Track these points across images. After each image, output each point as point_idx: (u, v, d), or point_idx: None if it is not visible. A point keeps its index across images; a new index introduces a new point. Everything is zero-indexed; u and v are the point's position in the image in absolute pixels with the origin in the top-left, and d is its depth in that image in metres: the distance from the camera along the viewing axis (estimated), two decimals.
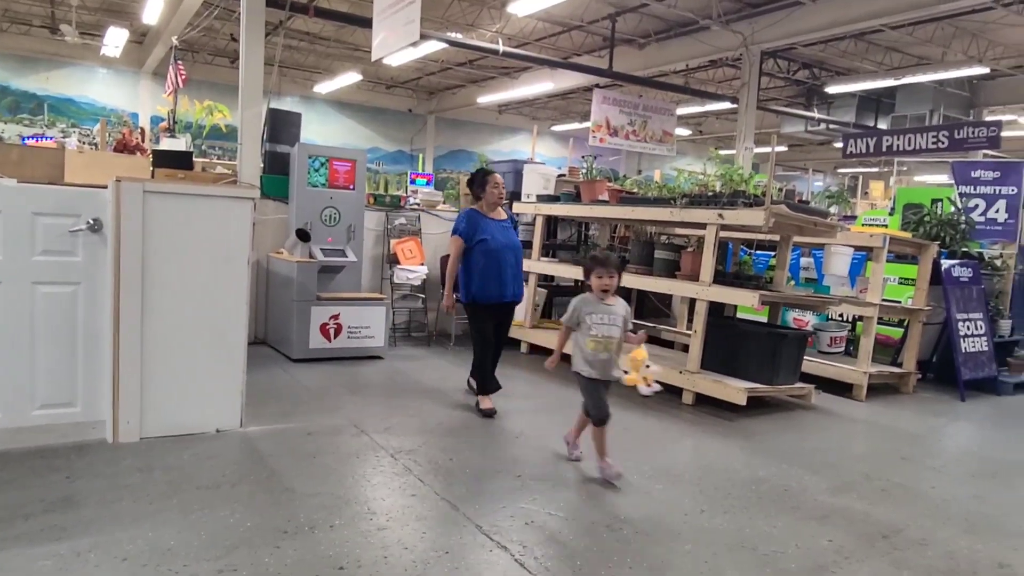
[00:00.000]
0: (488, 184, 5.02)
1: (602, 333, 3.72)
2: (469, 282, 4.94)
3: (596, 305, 3.74)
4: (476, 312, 5.03)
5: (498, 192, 5.04)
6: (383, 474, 3.67)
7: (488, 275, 4.88)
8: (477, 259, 4.89)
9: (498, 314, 5.10)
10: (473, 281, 4.91)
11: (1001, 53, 12.02)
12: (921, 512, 3.64)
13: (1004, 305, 7.40)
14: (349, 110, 19.45)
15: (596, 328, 3.72)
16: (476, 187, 5.09)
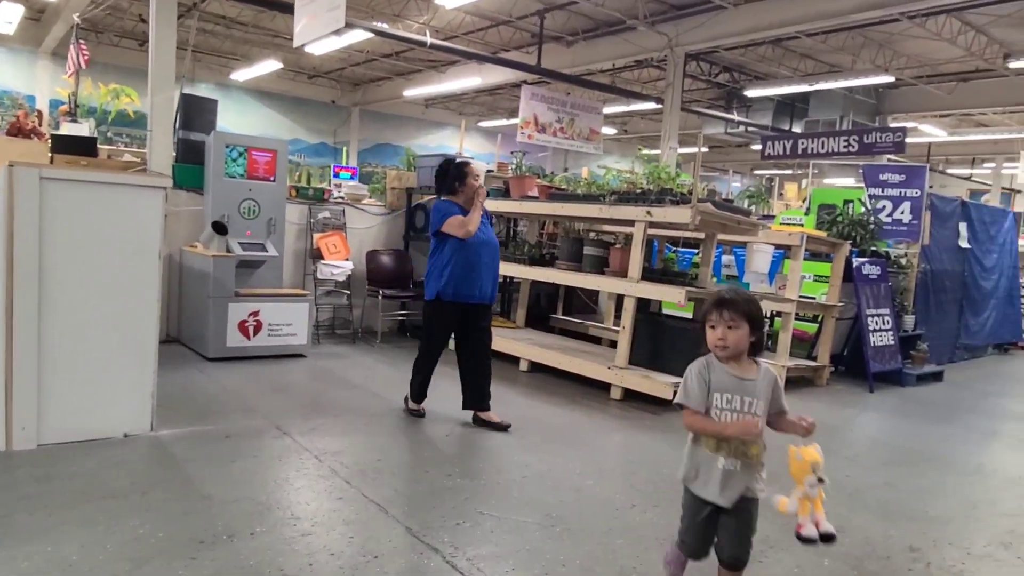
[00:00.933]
0: (468, 176, 4.51)
1: (732, 416, 2.33)
2: (438, 277, 4.43)
3: (722, 375, 2.32)
4: (440, 312, 4.50)
5: (478, 185, 4.54)
6: (307, 477, 3.52)
7: (462, 271, 4.39)
8: (451, 253, 4.39)
9: (465, 317, 4.55)
10: (443, 276, 4.40)
11: (905, 63, 12.71)
12: (838, 501, 3.77)
13: (908, 301, 7.83)
14: (269, 99, 18.79)
15: (722, 415, 2.34)
16: (450, 179, 4.54)
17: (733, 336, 2.30)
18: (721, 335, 2.30)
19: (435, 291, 4.46)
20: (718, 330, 2.31)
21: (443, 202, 4.54)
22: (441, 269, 4.43)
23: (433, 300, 4.50)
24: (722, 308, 2.31)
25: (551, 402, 5.39)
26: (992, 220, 9.46)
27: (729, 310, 2.31)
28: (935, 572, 3.02)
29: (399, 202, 7.95)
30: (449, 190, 4.58)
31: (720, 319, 2.31)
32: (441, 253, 4.46)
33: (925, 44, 11.58)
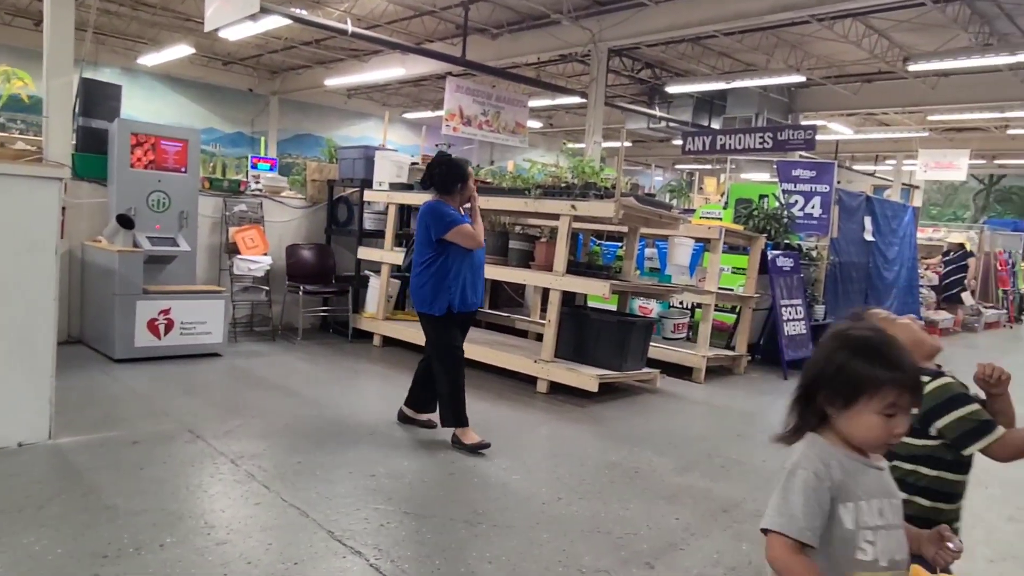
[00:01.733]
0: (469, 178, 4.17)
1: (886, 550, 1.42)
2: (445, 289, 4.04)
3: (856, 470, 1.44)
4: (447, 323, 4.13)
5: (475, 188, 4.27)
6: (223, 483, 3.36)
7: (469, 279, 4.11)
8: (457, 262, 4.05)
9: (466, 322, 4.32)
10: (452, 288, 4.05)
11: (815, 64, 13.27)
12: (756, 485, 3.90)
13: (819, 292, 8.18)
14: (180, 86, 17.91)
15: (872, 541, 1.41)
16: (452, 179, 4.13)
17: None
18: (901, 431, 1.41)
19: (446, 304, 4.05)
20: (899, 421, 1.39)
21: (439, 204, 4.10)
22: (448, 279, 4.05)
23: (445, 316, 4.08)
24: (917, 393, 1.43)
25: (477, 397, 5.34)
26: (893, 214, 10.01)
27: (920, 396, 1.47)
28: None
29: (320, 195, 7.73)
30: (446, 190, 4.14)
31: (910, 404, 1.41)
32: (444, 261, 4.04)
33: (833, 46, 12.12)
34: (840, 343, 1.46)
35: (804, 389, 1.49)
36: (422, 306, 4.13)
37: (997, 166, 22.34)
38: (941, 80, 13.40)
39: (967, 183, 22.69)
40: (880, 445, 1.44)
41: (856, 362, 1.40)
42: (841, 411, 1.42)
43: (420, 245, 4.14)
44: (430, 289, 4.07)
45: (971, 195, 24.07)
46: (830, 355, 1.45)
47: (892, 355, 1.41)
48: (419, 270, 4.12)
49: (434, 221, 4.04)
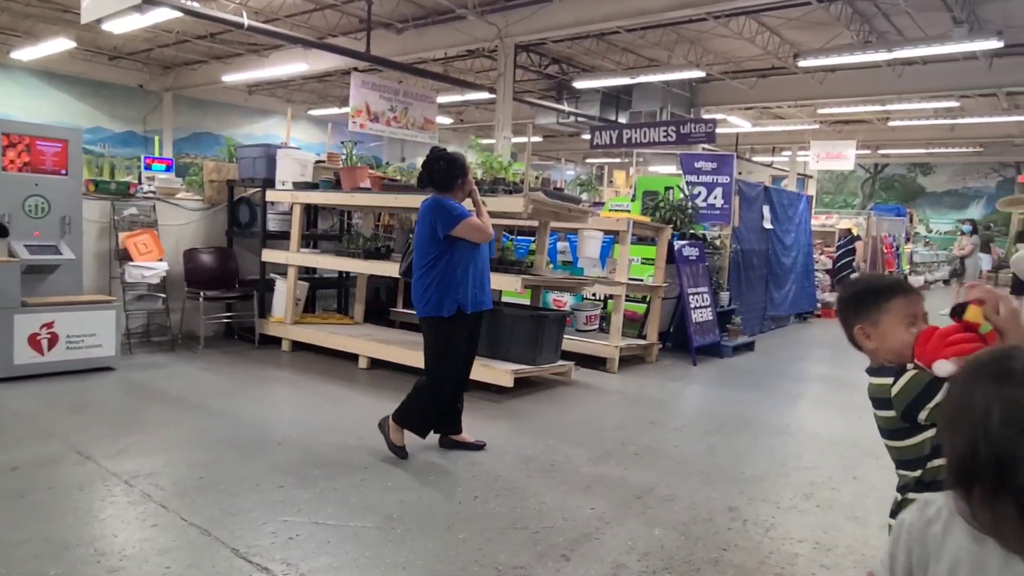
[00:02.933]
0: (468, 173, 4.06)
1: None
2: (453, 288, 3.86)
3: (975, 552, 1.05)
4: (456, 327, 3.93)
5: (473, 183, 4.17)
6: (115, 506, 3.15)
7: (477, 277, 3.96)
8: (464, 258, 3.89)
9: (475, 327, 4.13)
10: (460, 286, 3.87)
11: (713, 60, 13.76)
12: (667, 471, 4.00)
13: (723, 279, 8.49)
14: (62, 83, 16.72)
15: None
16: (452, 176, 3.96)
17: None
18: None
19: (456, 305, 3.87)
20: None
21: (444, 199, 3.92)
22: (456, 278, 3.86)
23: (453, 316, 3.88)
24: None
25: (392, 398, 5.22)
26: (790, 203, 10.51)
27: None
28: (750, 528, 3.27)
29: (219, 196, 7.38)
30: (448, 186, 3.96)
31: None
32: (451, 260, 3.86)
33: (730, 43, 12.60)
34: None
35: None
36: (427, 310, 3.89)
37: (881, 156, 23.87)
38: (828, 75, 14.17)
39: (855, 172, 24.14)
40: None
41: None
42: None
43: (423, 245, 3.91)
44: (436, 290, 3.86)
45: (859, 183, 25.62)
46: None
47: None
48: (422, 272, 3.90)
49: (441, 217, 3.84)
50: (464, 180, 4.02)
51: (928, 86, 13.47)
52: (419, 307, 3.95)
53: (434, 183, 4.00)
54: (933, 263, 19.26)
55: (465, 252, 3.90)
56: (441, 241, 3.85)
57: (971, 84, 13.15)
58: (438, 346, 3.95)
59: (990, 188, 23.14)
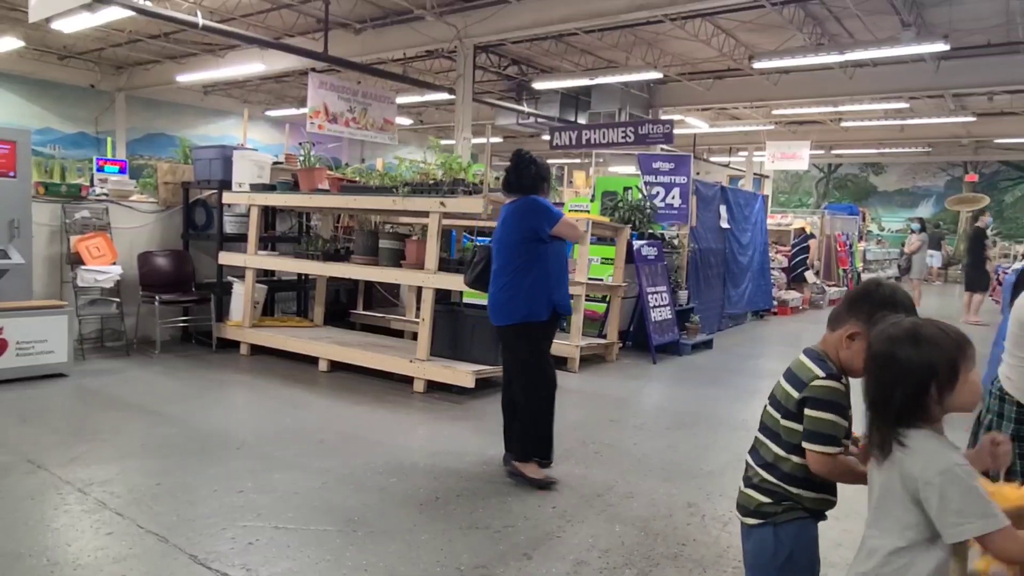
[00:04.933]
0: (550, 179, 4.00)
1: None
2: (549, 290, 3.73)
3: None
4: (551, 330, 3.84)
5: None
6: (68, 514, 3.09)
7: (564, 280, 3.88)
8: (555, 260, 3.80)
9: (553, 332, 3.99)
10: (558, 287, 3.78)
11: (670, 61, 13.98)
12: (628, 468, 4.06)
13: (681, 278, 8.64)
14: (9, 82, 16.21)
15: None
16: (538, 180, 3.84)
17: None
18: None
19: (552, 306, 3.75)
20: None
21: (540, 199, 3.82)
22: (552, 279, 3.76)
23: (549, 319, 3.77)
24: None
25: (353, 400, 5.24)
26: (746, 203, 10.73)
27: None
28: (708, 523, 3.34)
29: (174, 198, 7.25)
30: (536, 190, 3.84)
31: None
32: (547, 260, 3.75)
33: (686, 44, 12.82)
34: (909, 343, 1.48)
35: (892, 399, 1.48)
36: (520, 315, 3.71)
37: (834, 156, 24.51)
38: (782, 77, 14.51)
39: (809, 172, 24.73)
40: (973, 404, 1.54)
41: (941, 343, 1.47)
42: (948, 393, 1.47)
43: (514, 248, 3.75)
44: (531, 294, 3.71)
45: (813, 183, 26.24)
46: (909, 358, 1.47)
47: (941, 325, 1.52)
48: (511, 277, 3.74)
49: (545, 216, 3.74)
50: (548, 185, 3.97)
51: (878, 88, 13.89)
52: (507, 314, 3.77)
53: (523, 187, 3.86)
54: (885, 260, 19.84)
55: (557, 253, 3.85)
56: (539, 242, 3.74)
57: (919, 86, 13.61)
58: (531, 355, 3.79)
59: (939, 187, 23.92)
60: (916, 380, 1.45)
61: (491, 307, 3.86)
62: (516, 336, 3.78)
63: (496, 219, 5.02)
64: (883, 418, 1.49)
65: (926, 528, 1.43)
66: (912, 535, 1.45)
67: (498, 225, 3.90)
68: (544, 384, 3.79)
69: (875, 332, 1.55)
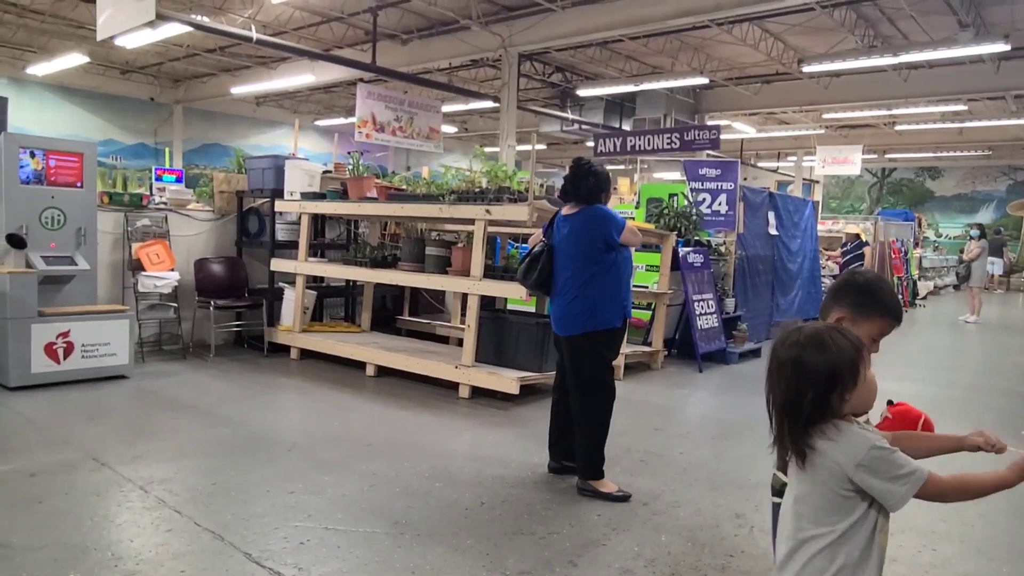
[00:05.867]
0: (609, 188, 3.96)
1: None
2: (620, 296, 3.77)
3: None
4: (618, 339, 3.87)
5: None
6: (131, 511, 3.22)
7: (629, 289, 3.89)
8: (626, 267, 3.86)
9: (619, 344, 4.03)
10: (626, 294, 3.82)
11: (717, 66, 13.84)
12: (673, 477, 4.04)
13: (728, 286, 8.52)
14: (76, 96, 16.98)
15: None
16: (595, 190, 3.82)
17: None
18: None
19: (623, 312, 3.80)
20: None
21: (605, 208, 3.84)
22: (622, 287, 3.79)
23: (621, 326, 3.82)
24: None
25: (399, 406, 5.33)
26: (795, 209, 10.53)
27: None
28: (757, 535, 3.30)
29: (229, 206, 7.49)
30: (592, 199, 3.82)
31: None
32: (617, 267, 3.76)
33: (733, 49, 12.67)
34: (814, 349, 1.57)
35: (803, 402, 1.56)
36: (591, 324, 3.70)
37: (888, 160, 23.84)
38: (833, 80, 14.21)
39: (862, 177, 24.10)
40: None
41: (843, 347, 1.56)
42: (852, 393, 1.56)
43: (585, 258, 3.74)
44: (604, 302, 3.71)
45: (866, 188, 25.57)
46: (816, 363, 1.56)
47: (839, 329, 1.62)
48: (582, 289, 3.73)
49: (614, 225, 3.75)
50: (607, 194, 3.96)
51: (935, 90, 13.48)
52: (579, 324, 3.74)
53: (580, 196, 3.83)
54: (943, 268, 19.20)
55: (629, 259, 3.90)
56: (611, 250, 3.75)
57: (978, 87, 13.16)
58: (601, 362, 3.79)
59: (1000, 192, 23.07)
60: (824, 383, 1.54)
61: (560, 318, 3.83)
62: (587, 345, 3.75)
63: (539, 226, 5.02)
64: (795, 421, 1.58)
65: (848, 514, 1.54)
66: (835, 527, 1.54)
67: (561, 235, 3.85)
68: (608, 395, 3.81)
69: (779, 340, 1.64)
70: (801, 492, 1.62)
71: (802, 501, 1.61)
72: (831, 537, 1.54)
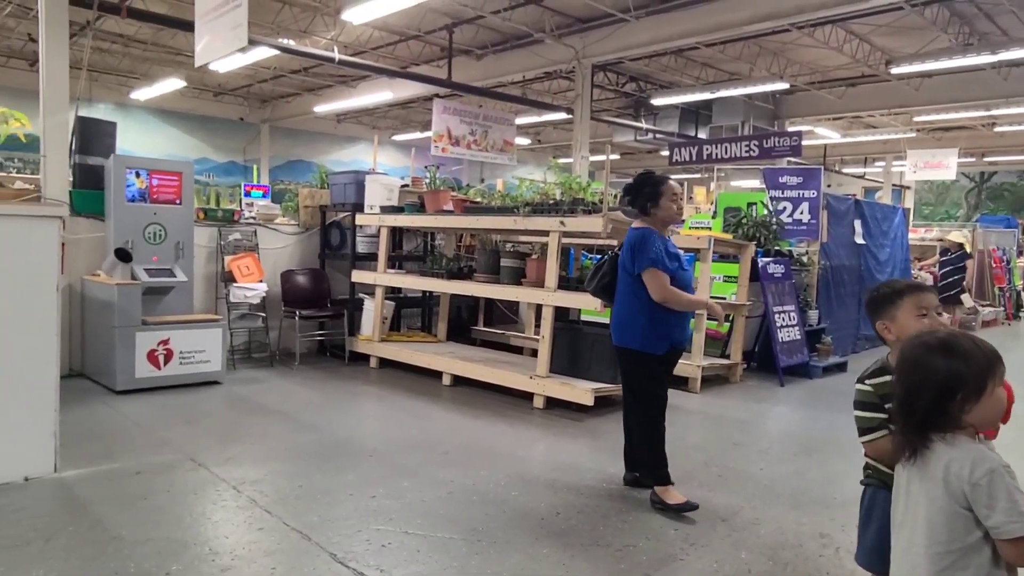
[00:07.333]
0: (663, 196, 3.70)
1: None
2: (667, 327, 3.67)
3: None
4: (661, 366, 3.76)
5: (677, 206, 3.75)
6: (225, 509, 3.41)
7: (683, 315, 3.78)
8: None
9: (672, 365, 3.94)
10: (674, 325, 3.71)
11: (798, 70, 13.45)
12: (753, 493, 3.95)
13: (811, 297, 8.25)
14: (173, 118, 18.09)
15: None
16: (644, 198, 3.74)
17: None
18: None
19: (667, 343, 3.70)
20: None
21: (643, 231, 3.69)
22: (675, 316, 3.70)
23: (664, 356, 3.72)
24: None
25: (474, 415, 5.41)
26: (883, 216, 10.10)
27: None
28: (844, 556, 3.19)
29: (313, 220, 7.81)
30: (641, 210, 3.77)
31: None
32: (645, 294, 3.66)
33: (815, 52, 12.29)
34: (941, 352, 1.56)
35: (919, 403, 1.55)
36: (633, 343, 3.70)
37: (987, 163, 22.52)
38: (925, 81, 13.57)
39: (958, 181, 22.85)
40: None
41: (972, 355, 1.53)
42: (976, 403, 1.52)
43: (627, 276, 3.76)
44: (643, 326, 3.66)
45: (963, 193, 24.20)
46: (937, 366, 1.55)
47: (975, 339, 1.60)
48: (628, 303, 3.75)
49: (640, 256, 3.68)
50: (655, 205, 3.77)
51: None
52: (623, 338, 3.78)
53: (635, 205, 3.86)
54: None
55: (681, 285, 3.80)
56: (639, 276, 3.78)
57: None
58: (643, 383, 3.80)
59: None
60: (943, 387, 1.52)
61: (613, 327, 3.90)
62: (630, 361, 3.79)
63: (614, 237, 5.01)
64: (909, 420, 1.58)
65: (971, 533, 1.49)
66: (958, 543, 1.50)
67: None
68: (658, 414, 3.76)
69: (909, 339, 1.67)
70: (911, 504, 1.59)
71: (911, 513, 1.58)
72: (948, 560, 1.49)
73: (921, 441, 1.54)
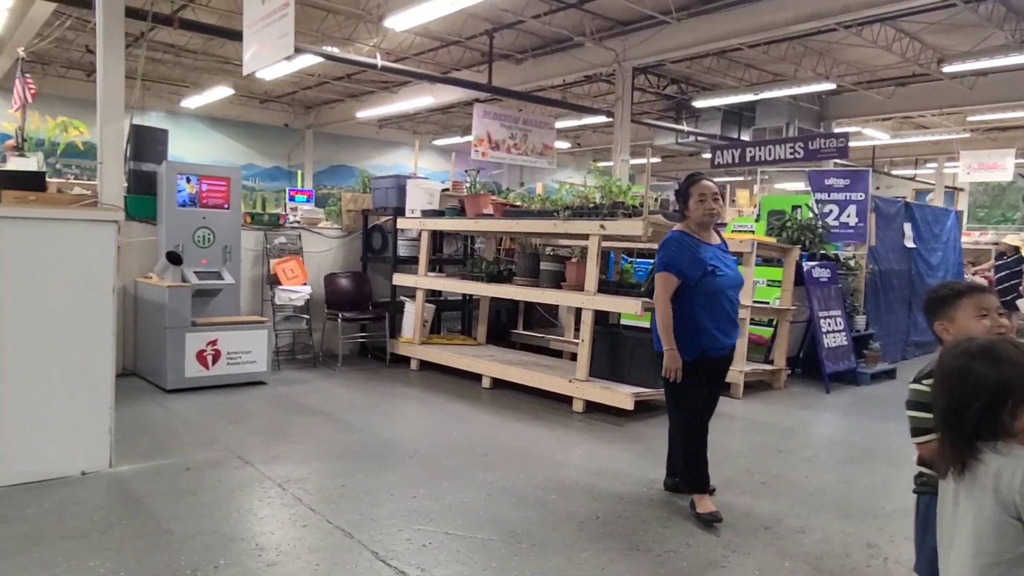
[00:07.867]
0: (691, 197, 3.62)
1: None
2: (696, 333, 3.55)
3: None
4: (696, 374, 3.59)
5: (706, 207, 3.59)
6: (271, 506, 3.49)
7: (715, 320, 3.57)
8: (700, 299, 3.55)
9: (717, 371, 3.77)
10: (703, 332, 3.56)
11: (844, 70, 13.16)
12: (797, 501, 3.88)
13: (859, 302, 8.05)
14: (221, 125, 18.59)
15: None
16: (681, 201, 3.73)
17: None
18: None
19: (701, 348, 3.57)
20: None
21: (671, 234, 3.67)
22: (694, 321, 3.57)
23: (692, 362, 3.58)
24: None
25: (514, 418, 5.43)
26: (935, 219, 9.81)
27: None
28: (892, 567, 3.12)
29: (355, 224, 7.94)
30: (681, 213, 3.76)
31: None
32: (691, 299, 3.55)
33: (863, 51, 12.01)
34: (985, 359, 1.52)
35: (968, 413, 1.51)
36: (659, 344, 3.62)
37: None
38: (979, 80, 13.14)
39: (1015, 183, 22.04)
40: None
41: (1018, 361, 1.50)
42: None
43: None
44: (675, 328, 3.55)
45: (1020, 195, 23.33)
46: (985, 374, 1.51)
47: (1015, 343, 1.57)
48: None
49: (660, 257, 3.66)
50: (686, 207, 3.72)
51: None
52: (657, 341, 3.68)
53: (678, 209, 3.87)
54: None
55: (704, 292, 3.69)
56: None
57: None
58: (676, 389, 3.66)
59: None
60: (993, 395, 1.47)
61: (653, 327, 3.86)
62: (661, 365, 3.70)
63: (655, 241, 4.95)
64: (956, 432, 1.52)
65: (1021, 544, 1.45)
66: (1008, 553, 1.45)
67: None
68: (690, 420, 3.66)
69: (947, 348, 1.64)
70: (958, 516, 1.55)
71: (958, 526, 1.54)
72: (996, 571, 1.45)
73: (970, 453, 1.49)
